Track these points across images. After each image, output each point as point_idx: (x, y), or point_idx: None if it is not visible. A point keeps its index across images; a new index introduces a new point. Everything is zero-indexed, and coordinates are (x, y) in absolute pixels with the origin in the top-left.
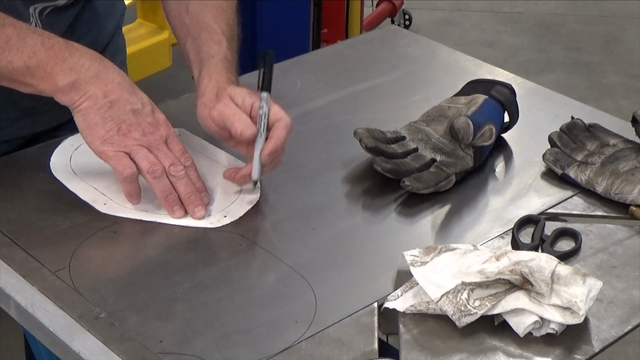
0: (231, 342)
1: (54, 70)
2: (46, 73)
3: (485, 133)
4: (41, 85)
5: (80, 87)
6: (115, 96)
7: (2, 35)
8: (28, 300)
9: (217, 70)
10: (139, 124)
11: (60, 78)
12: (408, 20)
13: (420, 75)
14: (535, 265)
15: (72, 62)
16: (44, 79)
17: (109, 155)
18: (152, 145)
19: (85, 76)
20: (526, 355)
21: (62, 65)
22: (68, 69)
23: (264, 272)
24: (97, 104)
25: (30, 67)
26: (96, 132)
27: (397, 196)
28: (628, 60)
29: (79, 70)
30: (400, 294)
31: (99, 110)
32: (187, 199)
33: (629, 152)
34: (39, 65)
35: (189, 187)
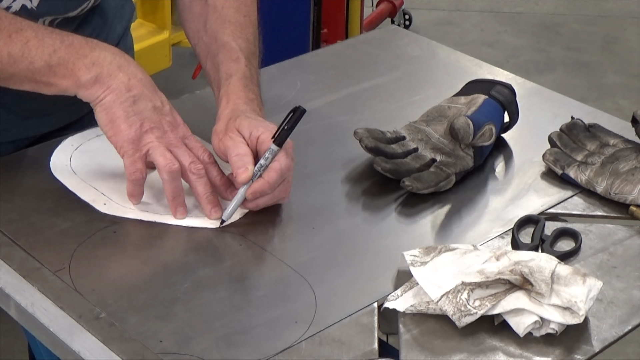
0: (231, 342)
1: (76, 66)
2: (68, 70)
3: (485, 133)
4: (64, 82)
5: (104, 80)
6: (138, 91)
7: (21, 38)
8: (28, 300)
9: (234, 90)
10: (159, 122)
11: (82, 73)
12: (408, 20)
13: (420, 75)
14: (535, 265)
15: (93, 57)
16: (66, 76)
17: (128, 153)
18: (172, 143)
19: (108, 70)
20: (526, 355)
21: (83, 61)
22: (90, 63)
23: (264, 272)
24: (121, 97)
25: (52, 66)
26: (118, 125)
27: (397, 196)
28: (628, 60)
29: (101, 64)
30: (400, 294)
31: (122, 104)
32: (205, 198)
33: (629, 152)
34: (60, 62)
35: (208, 187)
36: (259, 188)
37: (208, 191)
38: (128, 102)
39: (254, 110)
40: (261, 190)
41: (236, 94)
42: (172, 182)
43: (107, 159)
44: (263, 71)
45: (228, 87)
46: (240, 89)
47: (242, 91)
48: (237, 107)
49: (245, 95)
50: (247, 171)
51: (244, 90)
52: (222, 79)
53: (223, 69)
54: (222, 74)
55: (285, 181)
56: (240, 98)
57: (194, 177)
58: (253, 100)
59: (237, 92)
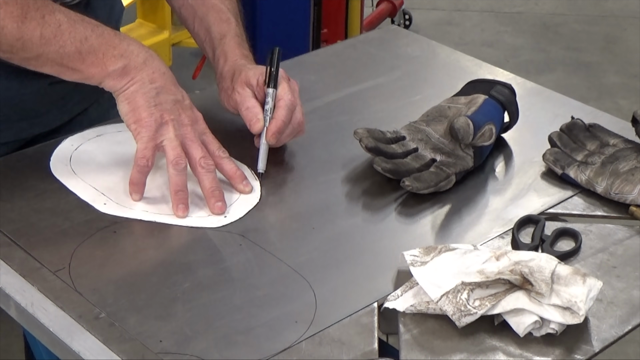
0: (231, 342)
1: (106, 56)
2: (97, 59)
3: (485, 133)
4: (91, 70)
5: (130, 72)
6: (161, 83)
7: (54, 20)
8: (28, 300)
9: (230, 48)
10: (179, 115)
11: (111, 63)
12: (408, 20)
13: (420, 75)
14: (535, 265)
15: (122, 48)
16: (95, 64)
17: (143, 139)
18: (188, 137)
19: (135, 62)
20: (526, 355)
21: (112, 52)
22: (119, 55)
23: (264, 272)
24: (144, 88)
25: (82, 53)
26: (139, 114)
27: (397, 196)
28: (628, 60)
29: (129, 56)
30: (400, 294)
31: (145, 94)
32: (210, 192)
33: (629, 152)
34: (90, 50)
35: (215, 182)
36: (275, 128)
37: (214, 186)
38: (151, 93)
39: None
40: (278, 129)
41: (232, 52)
42: (177, 176)
43: (107, 159)
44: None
45: (224, 46)
46: (235, 47)
47: (237, 49)
48: (237, 63)
49: (240, 52)
50: (259, 121)
51: (239, 48)
52: (216, 39)
53: (215, 30)
54: (214, 34)
55: (296, 113)
56: (237, 55)
57: (202, 170)
58: (247, 56)
59: (233, 49)
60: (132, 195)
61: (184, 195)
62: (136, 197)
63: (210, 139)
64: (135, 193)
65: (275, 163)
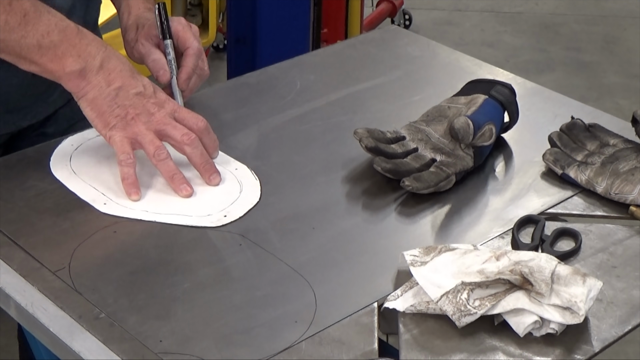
0: (231, 342)
1: (65, 54)
2: (56, 56)
3: (485, 133)
4: (49, 65)
5: (86, 75)
6: (119, 83)
7: (20, 8)
8: (28, 300)
9: (134, 2)
10: (144, 106)
11: (69, 63)
12: (408, 20)
13: (420, 75)
14: (535, 265)
15: (80, 48)
16: (54, 61)
17: (116, 140)
18: (161, 122)
19: (91, 65)
20: (526, 355)
21: (71, 51)
22: (77, 55)
23: (264, 272)
24: (103, 92)
25: (42, 47)
26: (105, 119)
27: (397, 196)
28: (628, 60)
29: (86, 58)
30: (400, 293)
31: (105, 98)
32: (202, 168)
33: (629, 152)
34: (50, 46)
35: (204, 156)
36: (186, 75)
37: (204, 160)
38: (111, 95)
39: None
40: (188, 76)
41: (136, 5)
42: (164, 165)
43: (107, 159)
44: (263, 71)
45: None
46: (140, 1)
47: (142, 2)
48: (140, 16)
49: (144, 5)
50: (166, 72)
51: (143, 2)
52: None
53: None
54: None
55: (202, 59)
56: (141, 8)
57: (188, 148)
58: (151, 9)
59: (137, 3)
60: (131, 196)
61: (180, 176)
62: (135, 196)
63: (184, 114)
64: (132, 191)
65: (275, 163)
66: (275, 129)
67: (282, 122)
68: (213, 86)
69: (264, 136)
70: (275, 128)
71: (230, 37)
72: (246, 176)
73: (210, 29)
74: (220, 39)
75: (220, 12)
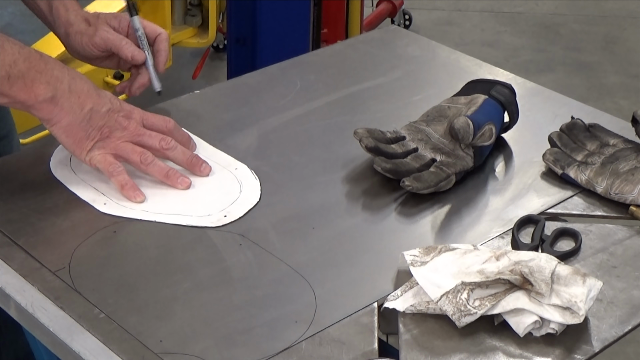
0: (231, 342)
1: (34, 82)
2: (26, 85)
3: (485, 133)
4: (20, 95)
5: (58, 102)
6: (90, 104)
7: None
8: (28, 300)
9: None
10: (116, 121)
11: (40, 91)
12: (408, 20)
13: (420, 75)
14: (535, 265)
15: (48, 74)
16: (24, 90)
17: (98, 159)
18: (135, 134)
19: (61, 90)
20: (526, 355)
21: (40, 78)
22: (46, 82)
23: (264, 272)
24: (77, 117)
25: (11, 77)
26: (82, 143)
27: (397, 196)
28: (628, 60)
29: (55, 84)
30: (400, 293)
31: (80, 123)
32: (189, 163)
33: (629, 152)
34: (19, 75)
35: (186, 153)
36: (164, 59)
37: (188, 156)
38: (85, 119)
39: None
40: (165, 59)
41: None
42: (154, 167)
43: None
44: (263, 71)
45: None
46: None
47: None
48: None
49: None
50: (141, 52)
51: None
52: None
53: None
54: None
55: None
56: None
57: (169, 152)
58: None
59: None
60: (137, 199)
61: (173, 171)
62: (139, 198)
63: (151, 119)
64: (135, 194)
65: (275, 163)
66: (275, 129)
67: (282, 122)
68: (213, 86)
69: (264, 136)
70: (275, 128)
71: (230, 37)
72: (246, 176)
73: (210, 29)
74: (220, 39)
75: (220, 12)
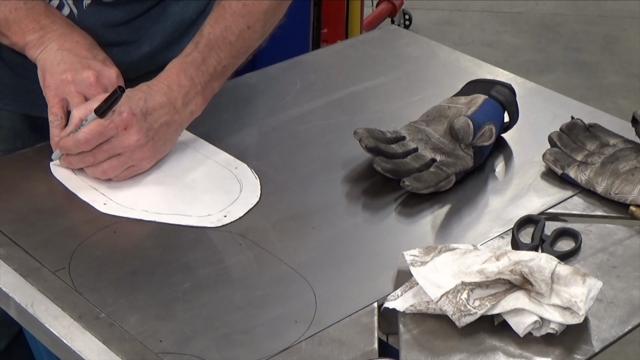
0: (231, 342)
1: (27, 27)
2: (20, 29)
3: (485, 133)
4: (14, 38)
5: (44, 42)
6: (69, 47)
7: None
8: (28, 300)
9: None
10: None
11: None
12: (408, 20)
13: (420, 75)
14: (535, 265)
15: (43, 22)
16: (18, 33)
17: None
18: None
19: (50, 35)
20: (526, 355)
21: (34, 25)
22: (39, 27)
23: (264, 272)
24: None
25: (9, 21)
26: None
27: (397, 196)
28: (628, 60)
29: (46, 29)
30: (400, 293)
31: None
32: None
33: (629, 152)
34: (16, 20)
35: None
36: (65, 142)
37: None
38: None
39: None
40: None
41: (167, 74)
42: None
43: None
44: (263, 71)
45: (169, 64)
46: (174, 72)
47: (176, 74)
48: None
49: (176, 78)
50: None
51: (178, 74)
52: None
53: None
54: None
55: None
56: (166, 79)
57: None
58: (183, 86)
59: (169, 72)
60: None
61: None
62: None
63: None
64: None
65: (275, 163)
66: (275, 129)
67: (282, 122)
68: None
69: (264, 136)
70: (275, 128)
71: None
72: (246, 175)
73: None
74: None
75: None
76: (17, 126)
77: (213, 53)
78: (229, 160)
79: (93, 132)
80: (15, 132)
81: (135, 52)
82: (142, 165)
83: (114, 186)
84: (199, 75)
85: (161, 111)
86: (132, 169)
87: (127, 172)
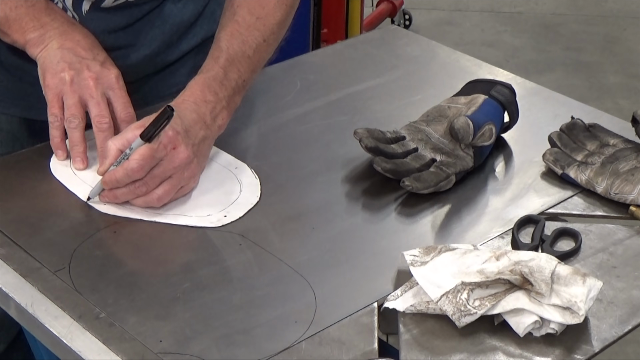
0: (231, 342)
1: (27, 25)
2: (20, 27)
3: (485, 133)
4: (15, 36)
5: (45, 40)
6: (69, 46)
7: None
8: (28, 300)
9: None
10: (82, 72)
11: (30, 32)
12: (408, 20)
13: (420, 75)
14: (535, 265)
15: (43, 21)
16: (18, 31)
17: (48, 98)
18: (87, 93)
19: (51, 33)
20: (526, 355)
21: (34, 23)
22: (39, 25)
23: (264, 272)
24: (51, 53)
25: (9, 19)
26: (45, 78)
27: (397, 196)
28: (628, 60)
29: (46, 27)
30: (400, 293)
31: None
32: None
33: (629, 152)
34: (17, 18)
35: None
36: (113, 175)
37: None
38: (56, 56)
39: (197, 111)
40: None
41: (191, 91)
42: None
43: None
44: (263, 71)
45: (192, 81)
46: (199, 89)
47: (200, 90)
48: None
49: (201, 95)
50: (104, 164)
51: (203, 90)
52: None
53: (203, 64)
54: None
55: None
56: (192, 96)
57: (95, 129)
58: (209, 102)
59: (193, 88)
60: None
61: (80, 149)
62: (61, 156)
63: (117, 95)
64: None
65: (275, 163)
66: (275, 129)
67: (282, 122)
68: None
69: (264, 136)
70: (275, 128)
71: None
72: (246, 175)
73: None
74: None
75: None
76: (16, 130)
77: (234, 68)
78: (229, 160)
79: (145, 156)
80: (14, 135)
81: (134, 55)
82: (190, 185)
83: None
84: (222, 90)
85: (196, 127)
86: (181, 190)
87: (177, 194)
